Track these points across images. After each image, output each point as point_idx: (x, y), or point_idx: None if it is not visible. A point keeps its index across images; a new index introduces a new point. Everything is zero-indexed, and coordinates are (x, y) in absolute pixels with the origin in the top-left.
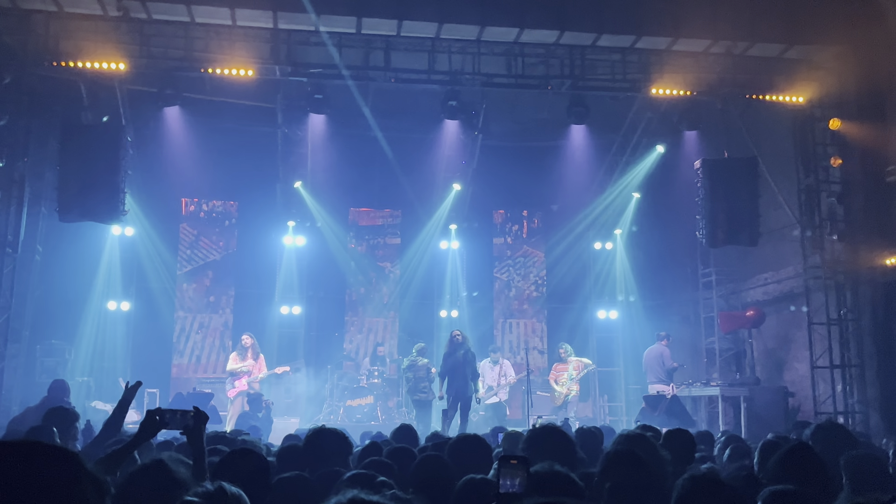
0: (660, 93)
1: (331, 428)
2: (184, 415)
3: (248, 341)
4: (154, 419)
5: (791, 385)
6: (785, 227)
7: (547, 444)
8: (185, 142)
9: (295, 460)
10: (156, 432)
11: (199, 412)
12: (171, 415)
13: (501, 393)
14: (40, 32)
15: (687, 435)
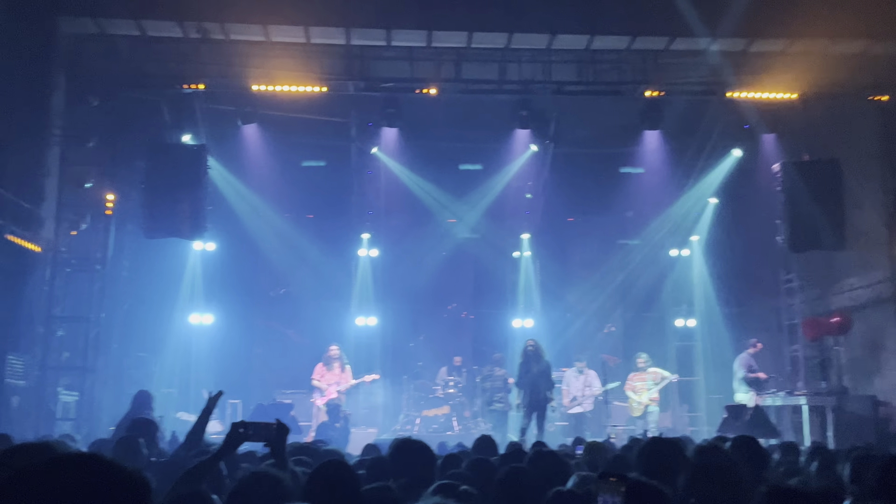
0: (736, 96)
1: (416, 440)
2: (267, 427)
3: (336, 352)
4: (238, 432)
5: (882, 394)
6: (871, 231)
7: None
8: (262, 157)
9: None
10: (240, 444)
11: (282, 425)
12: (254, 427)
13: (586, 403)
14: (125, 56)
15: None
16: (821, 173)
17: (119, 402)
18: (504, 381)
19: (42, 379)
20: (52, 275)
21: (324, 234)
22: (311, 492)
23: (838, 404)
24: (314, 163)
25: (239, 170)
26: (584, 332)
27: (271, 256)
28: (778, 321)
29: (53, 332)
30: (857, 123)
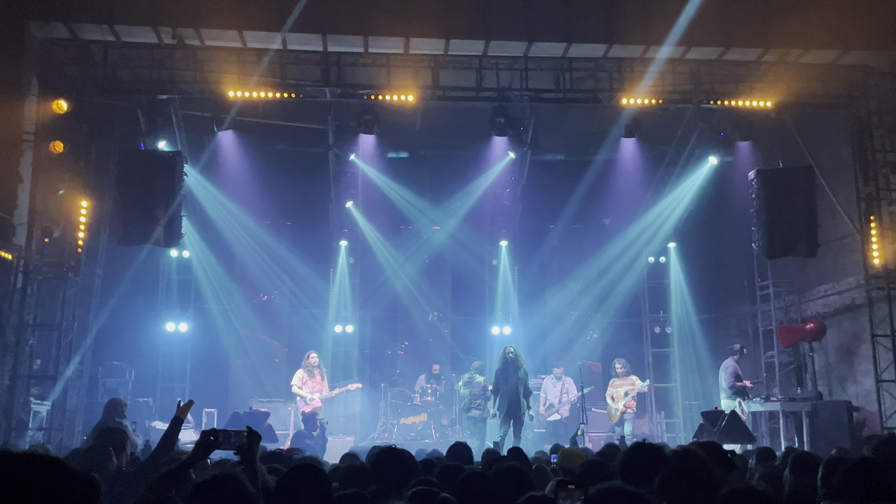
0: (711, 104)
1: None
2: (237, 435)
3: (315, 359)
4: (209, 439)
5: (856, 400)
6: (845, 237)
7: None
8: (238, 164)
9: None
10: (210, 452)
11: (253, 432)
12: (224, 435)
13: (563, 410)
14: (99, 62)
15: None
16: (795, 181)
17: (93, 411)
18: (483, 388)
19: (13, 388)
20: (24, 283)
21: (301, 242)
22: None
23: (813, 410)
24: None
25: (215, 177)
26: (563, 340)
27: (248, 264)
28: (753, 327)
29: (25, 340)
30: (830, 132)
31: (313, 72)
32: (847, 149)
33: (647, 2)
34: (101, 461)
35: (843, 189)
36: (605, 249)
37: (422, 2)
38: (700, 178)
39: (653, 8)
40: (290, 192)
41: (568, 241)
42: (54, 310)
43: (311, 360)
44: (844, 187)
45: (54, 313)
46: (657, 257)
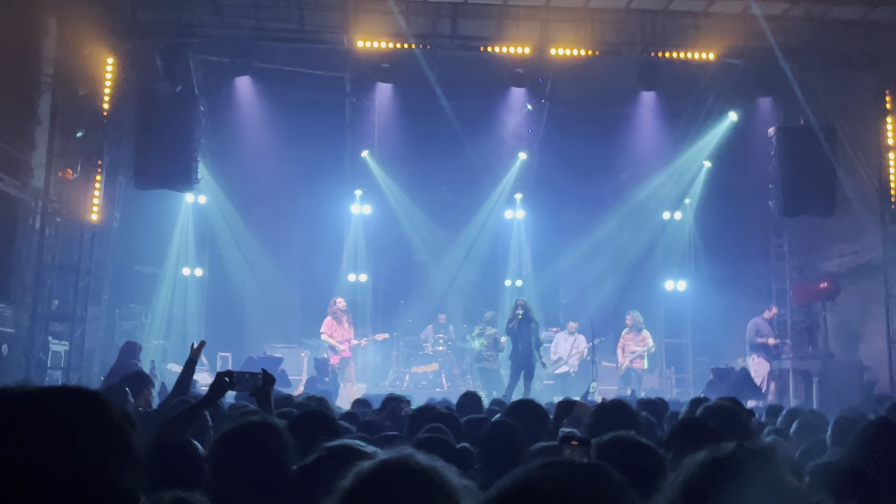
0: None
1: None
2: (252, 377)
3: (343, 305)
4: (223, 381)
5: (867, 359)
6: (864, 196)
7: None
8: (255, 110)
9: None
10: (224, 393)
11: (268, 375)
12: (239, 376)
13: (572, 361)
14: (117, 4)
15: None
16: (815, 138)
17: (109, 352)
18: (495, 339)
19: (32, 327)
20: (42, 224)
21: (316, 190)
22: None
23: (824, 368)
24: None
25: (232, 122)
26: (576, 293)
27: (263, 210)
28: (767, 285)
29: (43, 280)
30: (854, 89)
31: (332, 18)
32: (870, 107)
33: None
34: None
35: (865, 147)
36: (620, 204)
37: None
38: (719, 133)
39: None
40: (306, 140)
41: (583, 195)
42: (73, 251)
43: (339, 306)
44: (866, 146)
45: (73, 255)
46: (672, 213)
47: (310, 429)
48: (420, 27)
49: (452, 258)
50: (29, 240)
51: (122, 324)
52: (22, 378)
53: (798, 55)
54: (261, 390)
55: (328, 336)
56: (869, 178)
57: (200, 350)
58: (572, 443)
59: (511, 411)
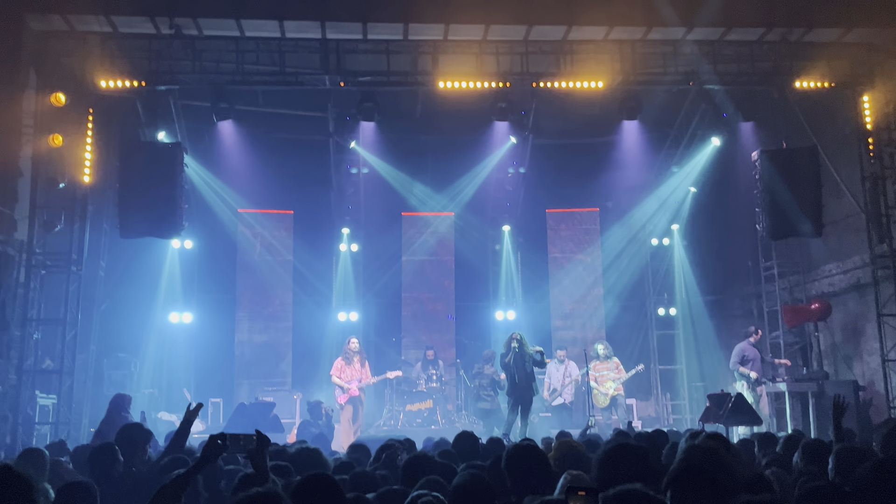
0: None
1: None
2: (246, 439)
3: (356, 346)
4: (216, 444)
5: (862, 379)
6: (849, 217)
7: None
8: (239, 153)
9: None
10: (218, 457)
11: (262, 436)
12: (233, 439)
13: (566, 393)
14: (96, 53)
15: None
16: (798, 160)
17: (99, 403)
18: (492, 378)
19: (19, 383)
20: (26, 277)
21: (303, 230)
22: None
23: (819, 390)
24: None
25: (216, 166)
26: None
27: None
28: (758, 308)
29: (29, 334)
30: (834, 110)
31: (312, 59)
32: (851, 127)
33: None
34: (106, 462)
35: (848, 167)
36: (608, 232)
37: None
38: (703, 159)
39: None
40: (291, 181)
41: (571, 225)
42: (58, 304)
43: (352, 347)
44: (849, 165)
45: (58, 307)
46: (661, 239)
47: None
48: (402, 65)
49: (442, 292)
50: (14, 293)
51: (110, 374)
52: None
53: (775, 79)
54: (255, 452)
55: (337, 377)
56: (853, 198)
57: (197, 412)
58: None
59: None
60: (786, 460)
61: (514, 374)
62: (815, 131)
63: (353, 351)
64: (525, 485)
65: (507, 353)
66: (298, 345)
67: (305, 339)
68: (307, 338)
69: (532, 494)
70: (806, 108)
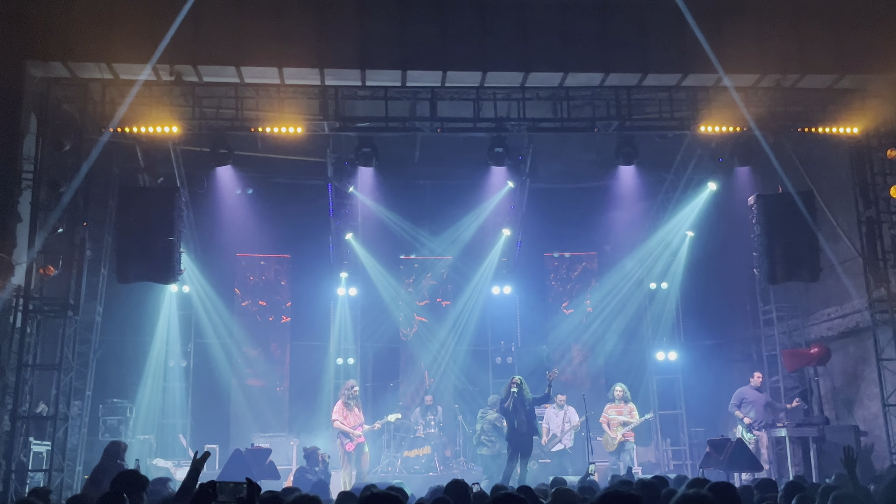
0: (709, 130)
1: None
2: (237, 486)
3: (356, 390)
4: (207, 492)
5: (863, 424)
6: (847, 261)
7: None
8: (238, 198)
9: None
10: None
11: (252, 484)
12: (222, 486)
13: (566, 439)
14: (97, 99)
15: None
16: (795, 205)
17: (93, 450)
18: (494, 424)
19: (13, 430)
20: (23, 322)
21: (301, 274)
22: None
23: (820, 435)
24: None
25: (214, 211)
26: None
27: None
28: (758, 352)
29: (24, 380)
30: (829, 155)
31: (311, 106)
32: (847, 172)
33: (642, 30)
34: None
35: (844, 212)
36: (606, 276)
37: (417, 35)
38: (700, 203)
39: (649, 37)
40: (289, 225)
41: (569, 269)
42: (54, 349)
43: (353, 391)
44: (845, 210)
45: (54, 352)
46: (659, 283)
47: None
48: (399, 111)
49: (440, 338)
50: (10, 338)
51: (105, 419)
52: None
53: (770, 124)
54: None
55: (340, 423)
56: (850, 243)
57: (204, 460)
58: None
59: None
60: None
61: (514, 419)
62: (810, 176)
63: (354, 395)
64: None
65: (507, 398)
66: (295, 390)
67: (302, 384)
68: (304, 383)
69: None
70: (801, 152)
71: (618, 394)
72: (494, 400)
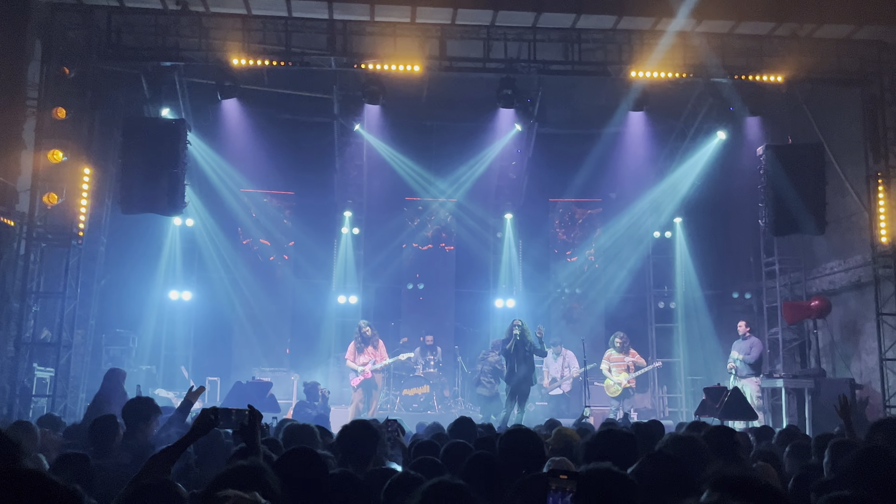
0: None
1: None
2: (239, 414)
3: (369, 332)
4: (209, 418)
5: (859, 377)
6: (853, 215)
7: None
8: (243, 132)
9: None
10: (209, 430)
11: (254, 411)
12: (224, 414)
13: (565, 385)
14: (102, 27)
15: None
16: (804, 157)
17: (96, 378)
18: (494, 367)
19: (17, 355)
20: (27, 250)
21: (305, 212)
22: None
23: (816, 387)
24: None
25: (219, 145)
26: (567, 313)
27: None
28: (759, 304)
29: (28, 307)
30: (841, 108)
31: (319, 40)
32: (858, 125)
33: None
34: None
35: (853, 166)
36: (611, 223)
37: None
38: (708, 152)
39: None
40: (294, 162)
41: (573, 215)
42: (58, 278)
43: (365, 332)
44: (854, 164)
45: (58, 281)
46: (663, 232)
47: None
48: (408, 48)
49: (443, 278)
50: (14, 266)
51: (108, 349)
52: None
53: (784, 73)
54: (247, 428)
55: (350, 361)
56: (857, 197)
57: (198, 395)
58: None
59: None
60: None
61: (514, 362)
62: (821, 128)
63: (366, 336)
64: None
65: (509, 339)
66: (297, 326)
67: (304, 321)
68: (306, 319)
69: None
70: (813, 104)
71: (617, 343)
72: (497, 342)
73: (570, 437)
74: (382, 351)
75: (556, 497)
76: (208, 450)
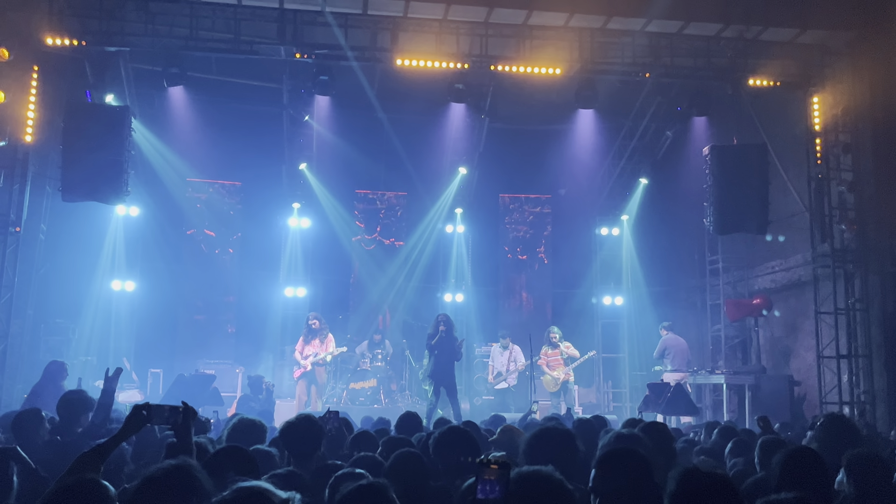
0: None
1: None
2: (172, 410)
3: (317, 325)
4: (140, 414)
5: (797, 374)
6: (794, 215)
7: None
8: (189, 121)
9: None
10: (141, 427)
11: (188, 408)
12: (157, 410)
13: (511, 378)
14: (45, 9)
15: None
16: (748, 157)
17: (34, 369)
18: None
19: None
20: None
21: (253, 203)
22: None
23: (756, 383)
24: None
25: (164, 133)
26: (515, 308)
27: (197, 223)
28: (702, 301)
29: None
30: (785, 110)
31: (268, 29)
32: (801, 127)
33: None
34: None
35: (795, 167)
36: (559, 219)
37: None
38: (656, 151)
39: None
40: (242, 152)
41: (523, 211)
42: None
43: (313, 325)
44: (796, 165)
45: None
46: (610, 229)
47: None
48: (359, 40)
49: (391, 272)
50: None
51: (47, 339)
52: None
53: (730, 75)
54: (180, 425)
55: (298, 354)
56: (799, 197)
57: (117, 377)
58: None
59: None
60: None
61: (438, 356)
62: (765, 129)
63: (314, 329)
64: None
65: (435, 334)
66: (243, 318)
67: (250, 313)
68: (252, 312)
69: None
70: (758, 106)
71: (553, 338)
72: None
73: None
74: (329, 344)
75: (485, 486)
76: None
